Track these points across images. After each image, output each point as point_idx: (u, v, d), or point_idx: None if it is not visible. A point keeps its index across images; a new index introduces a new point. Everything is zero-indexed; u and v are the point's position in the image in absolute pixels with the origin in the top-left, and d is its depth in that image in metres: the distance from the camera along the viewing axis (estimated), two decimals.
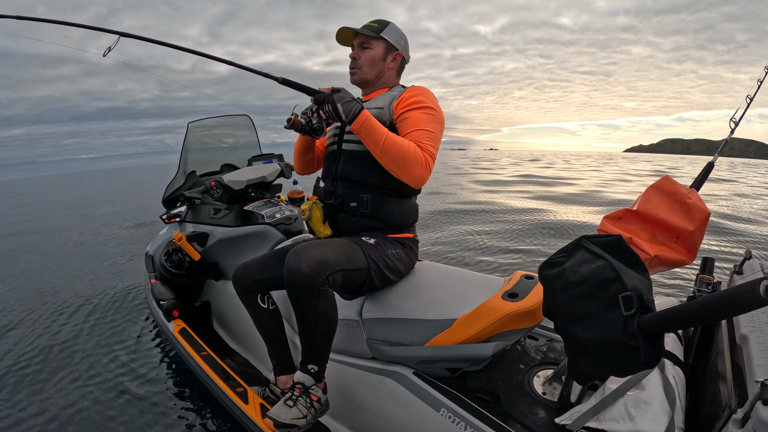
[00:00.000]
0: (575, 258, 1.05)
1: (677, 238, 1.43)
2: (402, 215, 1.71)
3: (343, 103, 1.46)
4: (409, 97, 1.61)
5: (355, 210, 1.67)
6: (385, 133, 1.49)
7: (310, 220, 1.71)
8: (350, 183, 1.68)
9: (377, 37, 1.69)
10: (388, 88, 1.75)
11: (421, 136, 1.54)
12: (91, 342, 3.10)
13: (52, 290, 4.34)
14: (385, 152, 1.49)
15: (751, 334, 1.09)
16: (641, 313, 0.88)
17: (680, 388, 1.20)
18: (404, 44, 1.75)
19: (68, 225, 9.11)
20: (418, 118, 1.57)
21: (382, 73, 1.73)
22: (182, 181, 3.10)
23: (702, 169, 1.65)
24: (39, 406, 2.34)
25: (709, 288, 1.51)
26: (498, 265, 4.58)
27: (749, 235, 6.16)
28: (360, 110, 1.48)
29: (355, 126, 1.49)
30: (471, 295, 1.53)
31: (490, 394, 1.48)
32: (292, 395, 1.47)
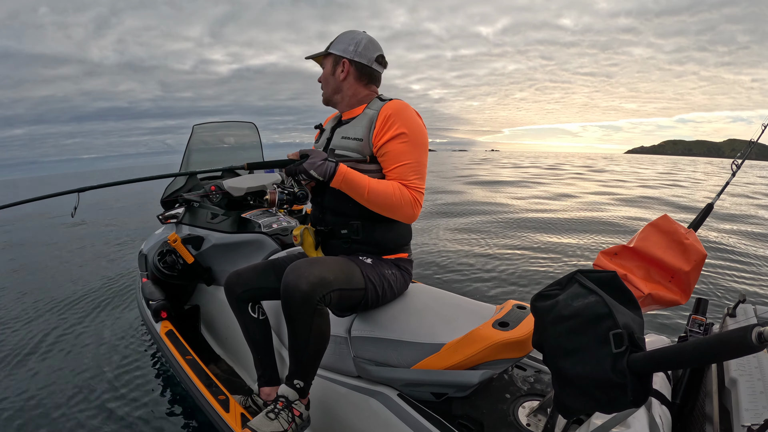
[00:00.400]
0: (568, 292, 1.04)
1: (672, 277, 1.43)
2: (395, 237, 1.69)
3: (316, 168, 1.45)
4: (385, 123, 1.56)
5: (347, 237, 1.65)
6: (366, 184, 1.49)
7: (302, 245, 1.69)
8: (338, 213, 1.66)
9: (326, 54, 1.68)
10: (364, 103, 1.69)
11: (404, 172, 1.53)
12: (73, 337, 3.08)
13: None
14: (370, 202, 1.50)
15: (741, 378, 1.08)
16: (631, 351, 0.87)
17: (666, 427, 1.19)
18: (354, 48, 1.64)
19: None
20: (397, 151, 1.54)
21: (340, 88, 1.68)
22: (182, 182, 3.10)
23: (701, 210, 1.66)
24: (14, 397, 2.32)
25: (701, 329, 1.51)
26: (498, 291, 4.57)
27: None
28: (335, 169, 1.47)
29: (335, 184, 1.49)
30: (461, 320, 1.52)
31: (474, 421, 1.47)
32: (274, 408, 1.46)
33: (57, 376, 2.57)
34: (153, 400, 2.35)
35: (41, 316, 3.51)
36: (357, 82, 1.68)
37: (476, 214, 8.91)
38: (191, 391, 1.93)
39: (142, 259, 2.93)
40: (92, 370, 2.65)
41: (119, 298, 3.89)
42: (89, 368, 2.66)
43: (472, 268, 4.87)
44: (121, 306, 3.71)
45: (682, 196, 13.22)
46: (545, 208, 9.93)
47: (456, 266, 4.97)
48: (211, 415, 1.75)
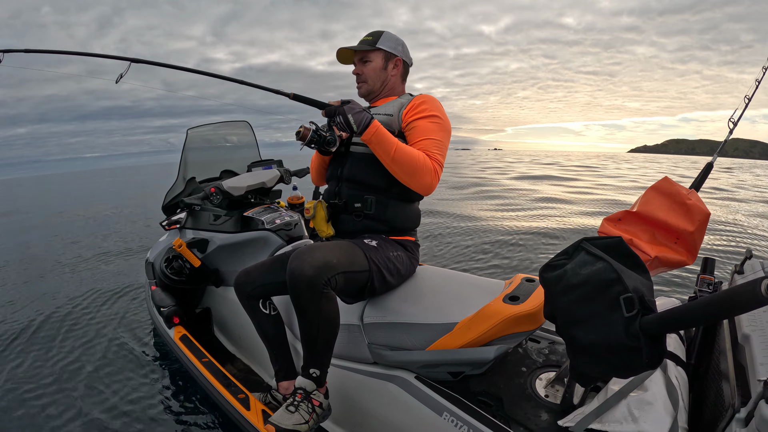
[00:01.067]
0: (576, 260, 1.05)
1: (677, 239, 1.43)
2: (405, 218, 1.72)
3: (354, 113, 1.49)
4: (417, 105, 1.65)
5: (359, 211, 1.69)
6: (395, 142, 1.52)
7: (314, 218, 1.72)
8: (356, 184, 1.70)
9: (374, 49, 1.73)
10: (396, 95, 1.79)
11: (430, 145, 1.58)
12: (89, 347, 3.10)
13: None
14: (395, 161, 1.52)
15: (753, 333, 1.09)
16: (643, 314, 0.87)
17: (683, 388, 1.20)
18: (402, 49, 1.78)
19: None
20: (426, 127, 1.61)
21: (387, 81, 1.78)
22: (182, 187, 3.10)
23: (701, 169, 1.66)
24: (37, 412, 2.34)
25: (710, 288, 1.52)
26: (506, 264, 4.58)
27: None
28: (370, 120, 1.50)
29: (366, 136, 1.51)
30: (472, 298, 1.53)
31: (493, 397, 1.48)
32: (293, 401, 1.47)
33: (69, 386, 2.59)
34: (174, 404, 2.37)
35: (41, 329, 3.52)
36: (399, 78, 1.83)
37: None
38: (211, 393, 1.95)
39: (149, 267, 2.93)
40: (107, 378, 2.67)
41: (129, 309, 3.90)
42: (104, 376, 2.68)
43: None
44: (131, 313, 3.72)
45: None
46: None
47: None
48: (233, 415, 1.76)
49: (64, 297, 4.24)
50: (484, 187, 14.22)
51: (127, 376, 2.68)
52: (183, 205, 2.79)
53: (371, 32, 1.77)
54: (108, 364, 2.86)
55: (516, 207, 9.40)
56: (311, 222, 1.75)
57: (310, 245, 1.52)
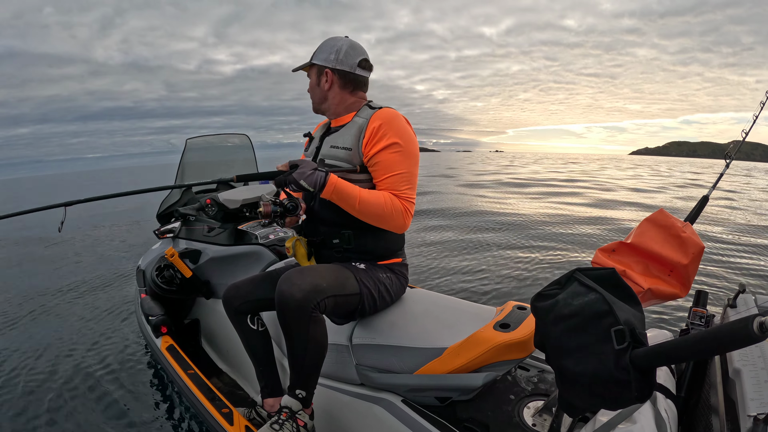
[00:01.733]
0: (568, 290, 1.04)
1: (671, 271, 1.43)
2: (386, 245, 1.68)
3: (305, 178, 1.43)
4: (375, 133, 1.54)
5: (339, 246, 1.65)
6: (357, 195, 1.47)
7: (295, 256, 1.69)
8: (329, 222, 1.65)
9: (311, 65, 1.68)
10: (353, 111, 1.68)
11: (396, 182, 1.53)
12: (75, 349, 3.07)
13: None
14: (361, 213, 1.49)
15: (744, 368, 1.08)
16: (633, 347, 0.87)
17: (672, 421, 1.19)
18: (335, 56, 1.62)
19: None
20: (389, 161, 1.53)
21: (326, 97, 1.68)
22: (177, 196, 3.09)
23: (697, 202, 1.66)
24: (14, 418, 2.30)
25: (702, 321, 1.51)
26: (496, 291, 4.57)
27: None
28: (326, 179, 1.44)
29: (326, 195, 1.47)
30: (462, 324, 1.52)
31: (480, 424, 1.46)
32: (278, 419, 1.45)
33: (51, 396, 2.55)
34: (156, 416, 2.34)
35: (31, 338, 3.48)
36: (342, 90, 1.66)
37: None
38: (194, 406, 1.92)
39: (140, 274, 2.92)
40: (91, 383, 2.64)
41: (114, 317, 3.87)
42: (90, 385, 2.65)
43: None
44: (118, 320, 3.69)
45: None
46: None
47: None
48: (216, 429, 1.74)
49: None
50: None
51: (109, 385, 2.65)
52: (178, 214, 2.78)
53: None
54: (89, 372, 2.83)
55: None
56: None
57: (300, 268, 1.51)
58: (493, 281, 4.58)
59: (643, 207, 10.78)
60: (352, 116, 1.65)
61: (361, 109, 1.66)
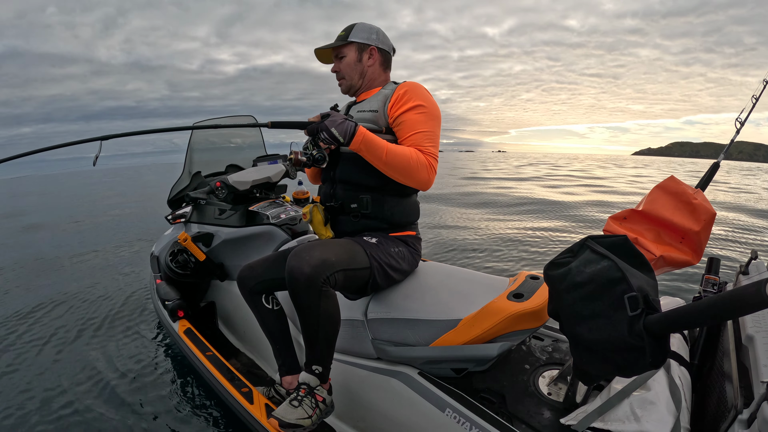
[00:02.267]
0: (581, 258, 1.04)
1: (683, 238, 1.43)
2: (403, 214, 1.71)
3: (336, 126, 1.46)
4: (401, 97, 1.61)
5: (356, 211, 1.67)
6: (384, 146, 1.50)
7: (312, 223, 1.71)
8: (349, 185, 1.68)
9: (347, 43, 1.70)
10: (379, 86, 1.75)
11: (420, 139, 1.56)
12: (94, 338, 3.12)
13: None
14: (388, 165, 1.51)
15: (757, 335, 1.08)
16: (647, 313, 0.87)
17: (686, 388, 1.20)
18: (377, 37, 1.72)
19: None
20: (414, 120, 1.58)
21: (365, 73, 1.73)
22: (187, 181, 3.11)
23: (707, 169, 1.65)
24: (39, 407, 2.35)
25: (714, 288, 1.51)
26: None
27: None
28: (355, 128, 1.48)
29: (354, 145, 1.49)
30: (476, 295, 1.53)
31: (496, 394, 1.48)
32: (297, 395, 1.48)
33: (78, 379, 2.60)
34: (177, 398, 2.38)
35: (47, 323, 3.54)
36: (380, 68, 1.75)
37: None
38: (214, 386, 1.95)
39: (154, 260, 2.95)
40: (113, 372, 2.68)
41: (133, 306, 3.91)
42: (110, 370, 2.69)
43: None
44: (138, 311, 3.74)
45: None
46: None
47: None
48: (236, 408, 1.77)
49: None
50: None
51: (130, 369, 2.70)
52: (188, 199, 2.80)
53: (346, 27, 1.73)
54: (111, 356, 2.88)
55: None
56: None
57: (310, 243, 1.52)
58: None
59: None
60: (378, 89, 1.72)
61: (387, 84, 1.76)
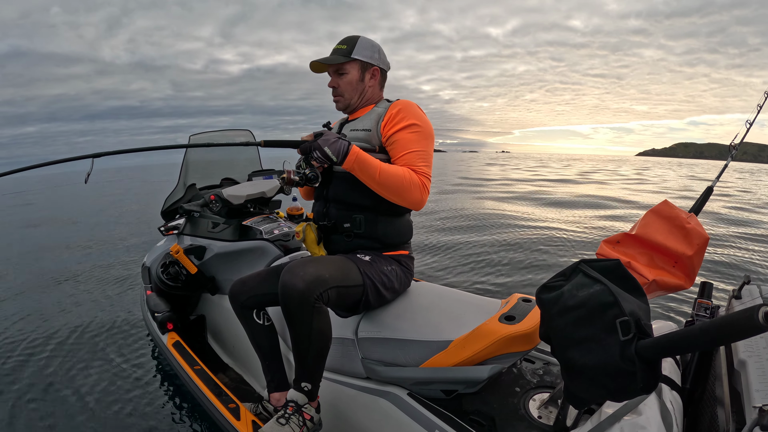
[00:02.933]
0: (573, 282, 1.04)
1: (676, 262, 1.43)
2: (396, 233, 1.70)
3: (329, 145, 1.46)
4: (394, 116, 1.60)
5: (349, 231, 1.67)
6: (378, 165, 1.50)
7: (305, 241, 1.71)
8: (342, 205, 1.68)
9: (350, 60, 1.67)
10: (373, 104, 1.74)
11: (413, 159, 1.56)
12: (82, 349, 3.09)
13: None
14: (381, 184, 1.50)
15: (750, 360, 1.08)
16: (639, 338, 0.87)
17: (677, 413, 1.19)
18: (379, 56, 1.71)
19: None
20: (407, 139, 1.58)
21: (364, 93, 1.73)
22: (182, 193, 3.10)
23: (701, 193, 1.66)
24: (26, 414, 2.32)
25: (707, 312, 1.51)
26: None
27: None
28: (349, 147, 1.47)
29: (348, 164, 1.48)
30: (467, 317, 1.52)
31: (485, 417, 1.47)
32: (285, 413, 1.46)
33: (64, 394, 2.57)
34: (163, 412, 2.35)
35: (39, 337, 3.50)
36: (378, 87, 1.76)
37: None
38: (201, 401, 1.93)
39: (146, 271, 2.93)
40: (97, 382, 2.65)
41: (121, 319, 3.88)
42: (96, 382, 2.66)
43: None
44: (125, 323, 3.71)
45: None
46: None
47: None
48: (222, 424, 1.75)
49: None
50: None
51: (116, 380, 2.67)
52: (182, 211, 2.79)
53: (345, 39, 1.69)
54: (96, 367, 2.84)
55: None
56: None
57: (303, 259, 1.51)
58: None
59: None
60: (371, 107, 1.72)
61: (380, 102, 1.76)
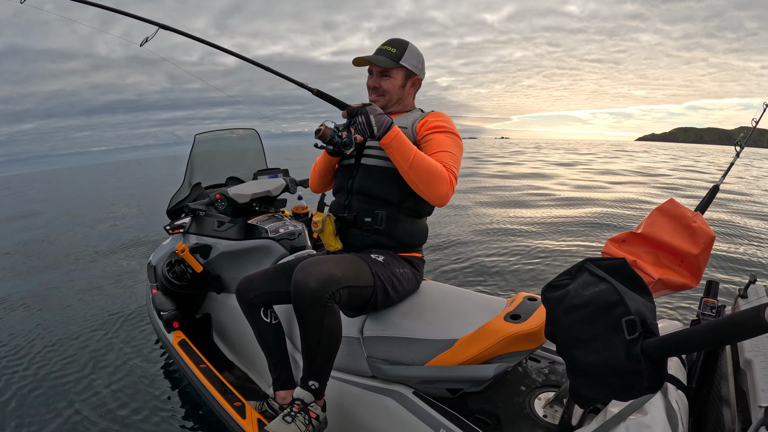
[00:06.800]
0: (579, 281, 1.04)
1: (682, 261, 1.42)
2: (413, 235, 1.72)
3: (376, 115, 1.47)
4: (432, 121, 1.64)
5: (369, 226, 1.67)
6: (414, 149, 1.50)
7: (322, 232, 1.70)
8: (367, 198, 1.68)
9: (397, 66, 1.69)
10: (407, 110, 1.77)
11: (445, 158, 1.56)
12: (87, 348, 3.11)
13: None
14: (413, 168, 1.49)
15: (756, 359, 1.08)
16: (644, 337, 0.87)
17: (683, 412, 1.19)
18: (422, 66, 1.77)
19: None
20: (442, 140, 1.60)
21: (403, 99, 1.75)
22: (187, 192, 3.11)
23: (707, 192, 1.65)
24: (36, 416, 2.33)
25: (713, 312, 1.50)
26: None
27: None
28: (391, 124, 1.49)
29: (386, 140, 1.48)
30: (473, 315, 1.52)
31: (491, 415, 1.47)
32: (290, 411, 1.46)
33: (67, 390, 2.58)
34: (169, 409, 2.36)
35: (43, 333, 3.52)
36: (413, 95, 1.82)
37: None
38: (207, 399, 1.94)
39: (151, 270, 2.94)
40: (102, 379, 2.67)
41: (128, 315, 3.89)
42: (102, 380, 2.67)
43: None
44: (132, 320, 3.72)
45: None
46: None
47: None
48: (228, 422, 1.75)
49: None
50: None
51: (122, 379, 2.68)
52: (187, 210, 2.80)
53: (394, 41, 1.72)
54: (102, 366, 2.86)
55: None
56: (315, 234, 1.74)
57: (317, 258, 1.51)
58: None
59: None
60: (406, 112, 1.78)
61: (414, 110, 1.80)
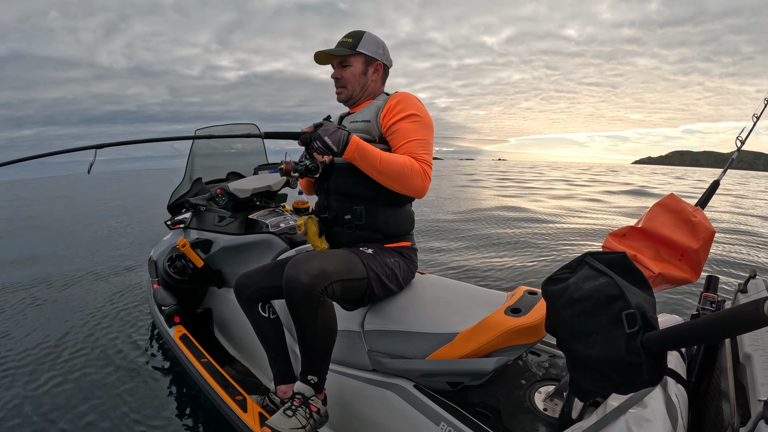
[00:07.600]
0: (579, 274, 1.04)
1: (682, 255, 1.42)
2: (397, 224, 1.72)
3: (330, 135, 1.47)
4: (393, 107, 1.63)
5: (350, 222, 1.68)
6: (378, 153, 1.51)
7: (306, 234, 1.72)
8: (343, 196, 1.69)
9: (354, 53, 1.70)
10: (373, 98, 1.77)
11: (414, 147, 1.57)
12: (89, 341, 3.11)
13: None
14: (382, 172, 1.51)
15: (755, 353, 1.08)
16: (644, 330, 0.87)
17: (682, 406, 1.19)
18: (383, 51, 1.76)
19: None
20: (407, 128, 1.60)
21: (367, 86, 1.75)
22: (188, 187, 3.11)
23: (708, 187, 1.65)
24: (32, 408, 2.34)
25: (713, 306, 1.51)
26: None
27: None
28: (348, 137, 1.48)
29: (348, 154, 1.49)
30: (473, 309, 1.52)
31: (491, 409, 1.47)
32: (291, 405, 1.47)
33: (70, 385, 2.59)
34: (171, 405, 2.37)
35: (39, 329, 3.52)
36: (380, 81, 1.79)
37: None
38: (208, 394, 1.95)
39: (152, 265, 2.94)
40: (105, 374, 2.67)
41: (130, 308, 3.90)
42: (104, 375, 2.68)
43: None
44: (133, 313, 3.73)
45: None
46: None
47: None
48: (230, 416, 1.76)
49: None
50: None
51: (124, 374, 2.69)
52: (188, 205, 2.80)
53: (351, 33, 1.73)
54: (104, 361, 2.87)
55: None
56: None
57: (307, 253, 1.52)
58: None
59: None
60: (370, 100, 1.75)
61: (379, 95, 1.79)
